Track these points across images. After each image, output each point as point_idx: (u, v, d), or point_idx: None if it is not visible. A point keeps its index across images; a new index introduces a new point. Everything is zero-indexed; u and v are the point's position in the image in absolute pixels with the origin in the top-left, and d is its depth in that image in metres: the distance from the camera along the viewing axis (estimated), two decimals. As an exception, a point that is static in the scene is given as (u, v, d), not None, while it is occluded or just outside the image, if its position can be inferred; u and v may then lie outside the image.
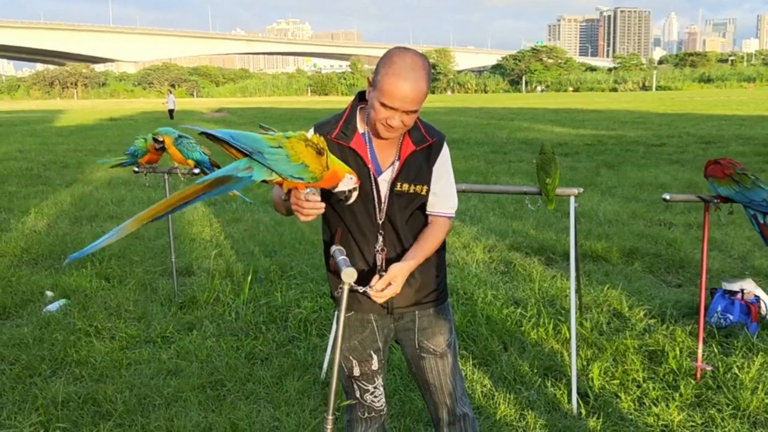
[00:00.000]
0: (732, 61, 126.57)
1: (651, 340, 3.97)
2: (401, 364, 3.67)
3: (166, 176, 4.96)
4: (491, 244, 6.49)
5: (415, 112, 2.03)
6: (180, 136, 4.78)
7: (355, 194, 2.05)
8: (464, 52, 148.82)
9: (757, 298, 4.24)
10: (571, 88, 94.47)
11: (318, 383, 3.60)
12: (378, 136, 2.10)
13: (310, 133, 2.07)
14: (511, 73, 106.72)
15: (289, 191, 1.99)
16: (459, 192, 3.52)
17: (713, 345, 3.90)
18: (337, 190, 2.02)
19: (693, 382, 3.47)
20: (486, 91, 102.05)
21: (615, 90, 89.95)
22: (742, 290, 4.29)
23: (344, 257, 2.17)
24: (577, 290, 4.20)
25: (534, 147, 15.68)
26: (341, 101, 65.15)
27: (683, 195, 3.63)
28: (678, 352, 3.77)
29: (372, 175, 2.13)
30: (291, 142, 1.92)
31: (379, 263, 2.17)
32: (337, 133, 2.14)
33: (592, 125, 22.59)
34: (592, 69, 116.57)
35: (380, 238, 2.17)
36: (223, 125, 26.64)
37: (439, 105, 48.22)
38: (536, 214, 7.69)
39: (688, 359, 3.69)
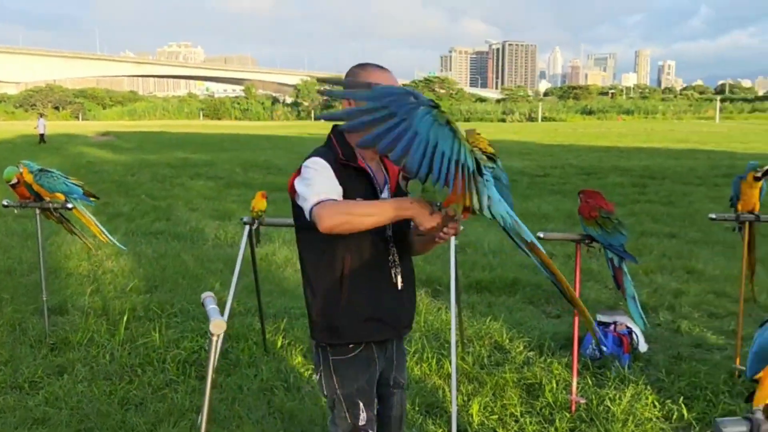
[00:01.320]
0: (612, 94, 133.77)
1: (529, 373, 4.07)
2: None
3: (37, 211, 4.70)
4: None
5: None
6: (41, 170, 4.53)
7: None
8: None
9: (629, 330, 4.43)
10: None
11: (195, 430, 3.46)
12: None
13: (311, 163, 2.13)
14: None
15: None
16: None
17: (588, 377, 4.04)
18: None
19: (568, 415, 3.58)
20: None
21: (503, 120, 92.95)
22: (615, 322, 4.48)
23: (215, 306, 2.11)
24: (459, 325, 4.26)
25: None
26: (235, 126, 64.35)
27: (558, 234, 3.77)
28: (554, 385, 3.88)
29: (379, 193, 2.22)
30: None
31: (394, 278, 2.23)
32: (342, 156, 2.17)
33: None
34: (482, 100, 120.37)
35: (392, 253, 2.23)
36: (109, 149, 25.70)
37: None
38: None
39: (564, 392, 3.80)
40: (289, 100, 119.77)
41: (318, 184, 2.09)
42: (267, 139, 35.15)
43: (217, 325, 1.97)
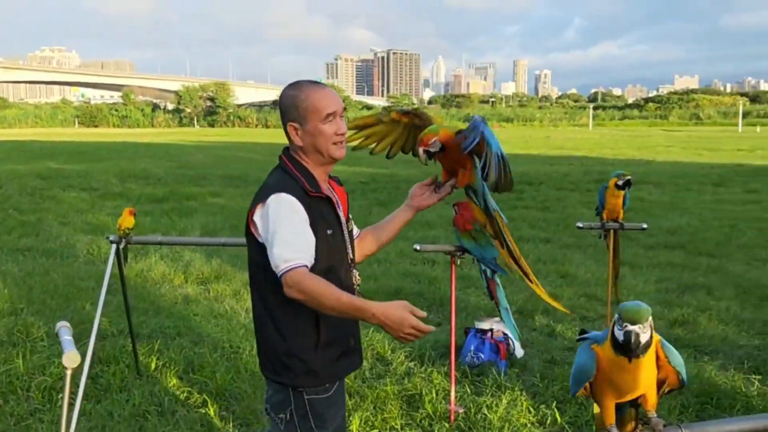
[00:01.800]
0: (492, 102, 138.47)
1: (410, 384, 4.09)
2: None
3: None
4: (261, 290, 6.38)
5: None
6: None
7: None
8: (244, 87, 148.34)
9: (506, 336, 4.54)
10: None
11: (58, 464, 3.26)
12: (330, 161, 2.16)
13: (277, 200, 2.02)
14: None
15: None
16: (220, 245, 3.36)
17: (466, 385, 4.10)
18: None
19: (447, 425, 3.61)
20: (267, 126, 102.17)
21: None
22: (491, 329, 4.57)
23: (70, 337, 1.98)
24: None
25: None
26: (114, 134, 61.80)
27: (433, 246, 3.80)
28: (434, 395, 3.92)
29: (343, 221, 2.22)
30: None
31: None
32: (309, 188, 2.10)
33: (368, 163, 23.36)
34: (369, 107, 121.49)
35: (355, 276, 2.31)
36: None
37: (217, 140, 47.38)
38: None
39: (444, 402, 3.84)
40: (170, 106, 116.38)
41: (286, 232, 1.99)
42: (146, 147, 33.99)
43: (71, 358, 1.86)
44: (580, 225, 4.28)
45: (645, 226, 4.32)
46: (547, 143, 36.99)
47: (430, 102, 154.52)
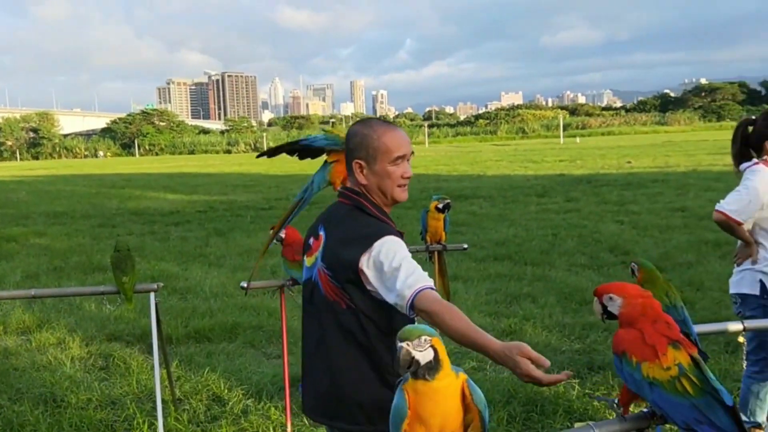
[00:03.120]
0: (333, 123, 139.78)
1: (247, 423, 4.00)
2: None
3: None
4: (90, 336, 6.02)
5: None
6: None
7: None
8: (70, 115, 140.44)
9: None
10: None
11: None
12: (392, 203, 2.18)
13: (386, 242, 2.01)
14: (122, 136, 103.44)
15: None
16: (29, 298, 3.12)
17: (304, 418, 4.06)
18: None
19: (285, 462, 3.56)
20: (96, 156, 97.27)
21: (229, 152, 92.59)
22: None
23: None
24: (170, 383, 4.07)
25: (146, 217, 15.25)
26: None
27: (262, 282, 3.76)
28: (272, 432, 3.85)
29: None
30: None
31: None
32: (397, 230, 2.11)
33: (205, 190, 22.83)
34: (206, 131, 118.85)
35: None
36: None
37: (42, 173, 44.42)
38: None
39: (281, 438, 3.79)
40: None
41: (408, 263, 1.97)
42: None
43: None
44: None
45: (465, 246, 4.50)
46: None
47: (270, 124, 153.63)
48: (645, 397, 1.59)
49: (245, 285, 3.62)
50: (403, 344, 1.53)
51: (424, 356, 1.55)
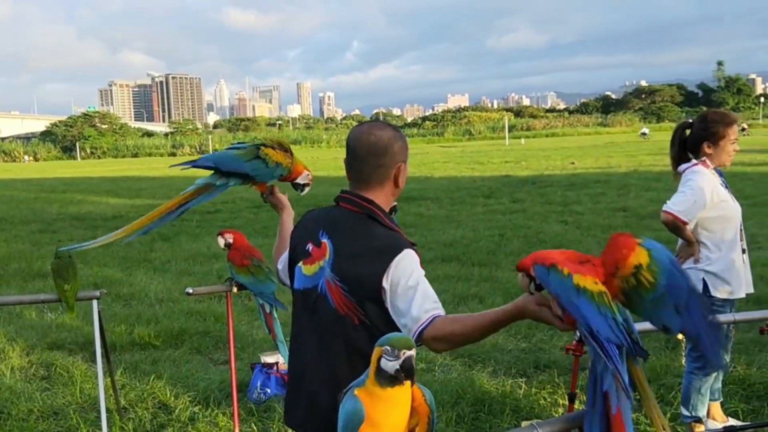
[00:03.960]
0: (279, 125, 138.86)
1: (194, 430, 3.95)
2: None
3: None
4: (30, 345, 5.86)
5: None
6: None
7: (308, 189, 2.91)
8: (8, 118, 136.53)
9: (291, 367, 4.52)
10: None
11: None
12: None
13: (406, 257, 1.95)
14: (63, 139, 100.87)
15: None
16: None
17: (253, 423, 4.04)
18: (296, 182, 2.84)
19: (233, 469, 3.53)
20: (37, 160, 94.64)
21: (174, 155, 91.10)
22: (277, 362, 4.54)
23: None
24: (114, 393, 3.99)
25: (88, 222, 14.92)
26: None
27: (206, 288, 3.72)
28: (220, 439, 3.81)
29: None
30: (265, 150, 2.73)
31: None
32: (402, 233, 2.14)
33: (149, 194, 22.42)
34: (150, 134, 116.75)
35: None
36: None
37: (-22, 178, 43.00)
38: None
39: (230, 445, 3.75)
40: None
41: (424, 285, 1.91)
42: None
43: None
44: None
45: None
46: (335, 164, 37.78)
47: (215, 126, 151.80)
48: (569, 302, 1.57)
49: (190, 291, 3.57)
50: (411, 353, 1.56)
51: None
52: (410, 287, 1.90)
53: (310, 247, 2.08)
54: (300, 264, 2.10)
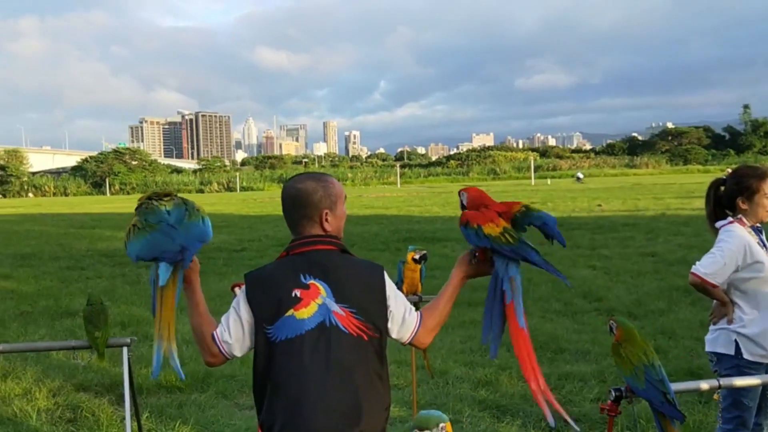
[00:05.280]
0: (305, 162, 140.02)
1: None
2: None
3: None
4: (57, 387, 5.87)
5: None
6: None
7: None
8: (40, 153, 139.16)
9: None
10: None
11: None
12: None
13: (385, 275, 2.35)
14: (93, 175, 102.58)
15: None
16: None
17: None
18: None
19: None
20: (66, 194, 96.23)
21: (202, 191, 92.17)
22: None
23: None
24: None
25: (116, 259, 15.04)
26: None
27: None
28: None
29: None
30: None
31: None
32: None
33: (177, 231, 22.59)
34: (178, 171, 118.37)
35: None
36: None
37: (8, 212, 43.77)
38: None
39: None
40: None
41: (402, 295, 2.41)
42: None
43: None
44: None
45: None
46: (360, 202, 37.92)
47: (243, 164, 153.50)
48: (482, 245, 2.40)
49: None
50: (444, 424, 1.56)
51: None
52: (397, 295, 2.32)
53: (297, 293, 2.16)
54: (290, 312, 2.14)
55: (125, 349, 3.43)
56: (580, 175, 66.19)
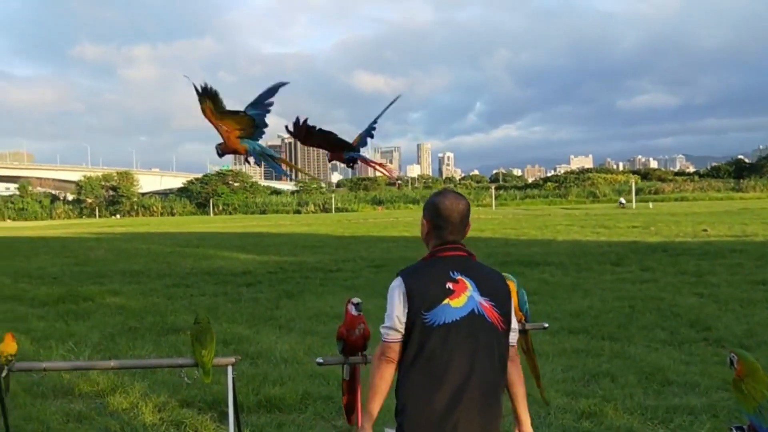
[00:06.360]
0: (399, 184, 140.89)
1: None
2: None
3: None
4: (162, 402, 6.06)
5: None
6: None
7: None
8: (149, 175, 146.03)
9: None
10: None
11: None
12: None
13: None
14: (198, 196, 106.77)
15: None
16: (109, 369, 3.14)
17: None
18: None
19: None
20: (173, 214, 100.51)
21: (299, 212, 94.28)
22: None
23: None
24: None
25: (219, 277, 15.50)
26: (9, 227, 59.05)
27: (335, 358, 3.71)
28: None
29: None
30: None
31: None
32: None
33: (276, 251, 23.15)
34: (277, 192, 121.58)
35: None
36: None
37: (119, 231, 46.04)
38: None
39: None
40: (70, 197, 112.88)
41: None
42: (43, 242, 32.61)
43: None
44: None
45: (546, 325, 4.37)
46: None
47: (338, 185, 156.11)
48: None
49: (321, 361, 3.58)
50: None
51: None
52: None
53: (449, 285, 2.56)
54: (446, 302, 2.53)
55: (230, 368, 3.50)
56: (623, 201, 65.07)
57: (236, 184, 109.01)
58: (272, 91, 3.25)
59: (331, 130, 3.13)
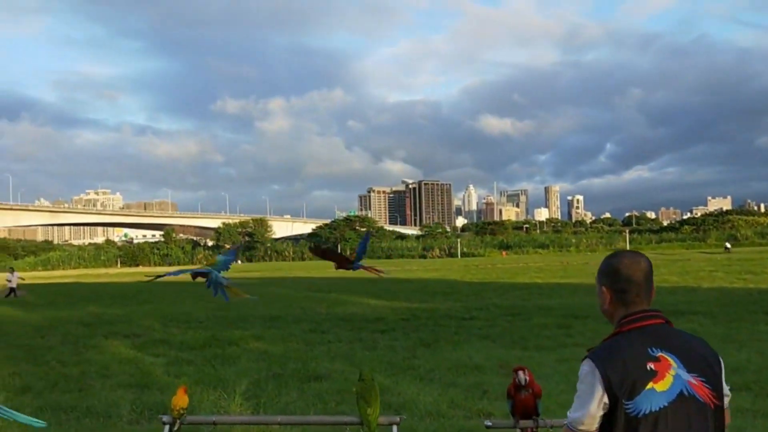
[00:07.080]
0: (526, 228, 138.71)
1: None
2: None
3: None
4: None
5: None
6: None
7: None
8: (281, 221, 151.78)
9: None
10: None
11: None
12: None
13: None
14: (326, 240, 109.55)
15: None
16: (275, 424, 3.18)
17: None
18: None
19: None
20: (303, 259, 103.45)
21: (424, 257, 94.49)
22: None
23: None
24: None
25: (353, 323, 15.66)
26: (150, 271, 62.64)
27: (504, 421, 3.59)
28: None
29: None
30: None
31: None
32: None
33: (406, 297, 23.19)
34: (402, 237, 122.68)
35: None
36: (18, 306, 24.40)
37: (255, 275, 47.79)
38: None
39: None
40: (210, 243, 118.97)
41: None
42: (188, 286, 34.31)
43: None
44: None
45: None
46: (587, 270, 36.53)
47: (463, 230, 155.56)
48: None
49: (490, 424, 3.47)
50: None
51: None
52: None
53: (651, 366, 2.24)
54: (650, 386, 2.22)
55: (395, 428, 3.46)
56: (728, 245, 61.29)
57: (363, 229, 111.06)
58: (235, 252, 4.77)
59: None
